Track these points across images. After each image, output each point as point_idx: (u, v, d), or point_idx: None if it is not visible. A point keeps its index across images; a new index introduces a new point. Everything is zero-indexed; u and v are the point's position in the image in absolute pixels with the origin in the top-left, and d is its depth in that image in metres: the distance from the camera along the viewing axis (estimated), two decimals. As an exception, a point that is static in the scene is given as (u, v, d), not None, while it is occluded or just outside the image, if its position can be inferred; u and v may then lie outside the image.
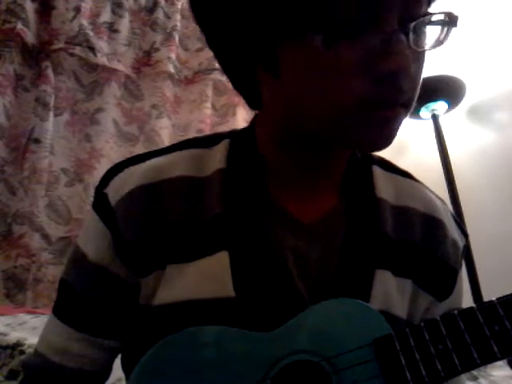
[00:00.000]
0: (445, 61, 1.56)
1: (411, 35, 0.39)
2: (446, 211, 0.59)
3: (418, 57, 0.42)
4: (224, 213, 0.50)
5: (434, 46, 0.42)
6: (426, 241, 0.55)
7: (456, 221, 0.61)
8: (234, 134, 0.57)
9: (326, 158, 0.52)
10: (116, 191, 0.51)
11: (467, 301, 0.66)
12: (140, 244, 0.49)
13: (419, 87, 0.44)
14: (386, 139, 0.44)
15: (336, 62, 0.39)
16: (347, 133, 0.43)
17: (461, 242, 0.59)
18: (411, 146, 1.90)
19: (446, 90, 1.60)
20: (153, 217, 0.50)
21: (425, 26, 0.42)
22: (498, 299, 0.43)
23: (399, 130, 0.45)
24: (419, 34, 0.41)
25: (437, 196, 0.61)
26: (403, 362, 0.42)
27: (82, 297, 0.52)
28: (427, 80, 1.59)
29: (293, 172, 0.53)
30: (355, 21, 0.38)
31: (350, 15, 0.37)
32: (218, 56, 0.50)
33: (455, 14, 0.41)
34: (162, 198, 0.50)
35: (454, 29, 0.42)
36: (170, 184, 0.51)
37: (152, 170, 0.52)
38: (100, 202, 0.52)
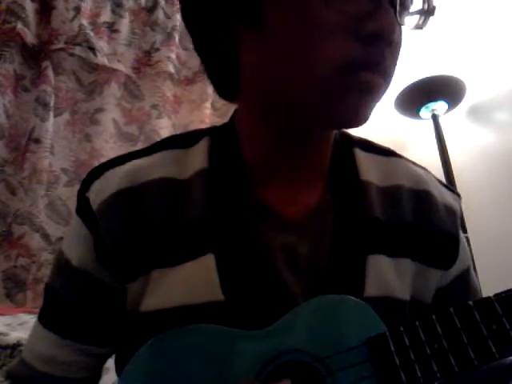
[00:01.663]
0: (445, 61, 1.56)
1: (398, 6, 0.40)
2: (431, 180, 0.59)
3: (399, 32, 0.43)
4: (208, 215, 0.49)
5: (413, 28, 0.45)
6: (418, 216, 0.54)
7: (445, 185, 0.61)
8: (213, 131, 0.55)
9: (306, 148, 0.51)
10: (97, 195, 0.50)
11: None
12: (122, 249, 0.48)
13: (394, 69, 0.45)
14: (363, 109, 0.43)
15: (325, 17, 0.39)
16: (325, 100, 0.42)
17: (455, 204, 0.59)
18: (411, 145, 1.90)
19: (446, 90, 1.60)
20: (134, 221, 0.49)
21: (407, 4, 0.43)
22: (495, 296, 0.41)
23: (373, 110, 0.45)
24: (403, 10, 0.42)
25: (420, 166, 0.60)
26: (397, 362, 0.41)
27: (67, 303, 0.51)
28: (427, 80, 1.60)
29: (275, 167, 0.51)
30: None
31: None
32: (194, 17, 0.48)
33: (434, 2, 0.44)
34: (142, 201, 0.49)
35: (431, 17, 0.45)
36: (150, 187, 0.50)
37: (132, 172, 0.51)
38: (82, 205, 0.51)
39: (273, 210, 0.51)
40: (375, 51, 0.41)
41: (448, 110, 1.67)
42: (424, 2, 0.44)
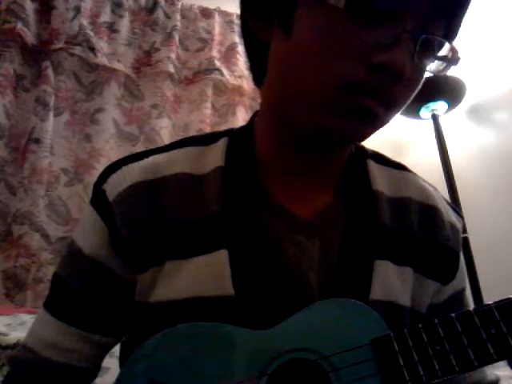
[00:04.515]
0: (445, 61, 1.56)
1: (418, 47, 0.42)
2: (439, 197, 0.61)
3: (415, 74, 0.45)
4: (222, 211, 0.50)
5: (432, 71, 0.46)
6: (424, 228, 0.56)
7: (450, 205, 0.63)
8: (231, 133, 0.57)
9: (319, 157, 0.53)
10: (114, 187, 0.51)
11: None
12: (136, 239, 0.50)
13: (404, 103, 0.46)
14: (357, 130, 0.46)
15: (344, 39, 0.42)
16: (324, 115, 0.45)
17: (458, 224, 0.61)
18: (411, 146, 1.90)
19: (446, 90, 1.60)
20: (150, 213, 0.50)
21: (430, 47, 0.44)
22: (494, 303, 0.43)
23: (374, 132, 0.47)
24: (423, 52, 0.43)
25: (428, 183, 0.62)
26: (401, 361, 0.42)
27: (75, 291, 0.52)
28: (427, 80, 1.60)
29: (290, 169, 0.53)
30: (376, 6, 0.41)
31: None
32: (244, 6, 0.52)
33: (459, 54, 0.46)
34: (160, 194, 0.51)
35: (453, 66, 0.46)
36: (168, 181, 0.52)
37: (150, 167, 0.53)
38: (98, 198, 0.52)
39: (285, 209, 0.52)
40: (380, 80, 0.42)
41: (448, 110, 1.67)
42: (450, 51, 0.45)
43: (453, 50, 0.46)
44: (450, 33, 0.45)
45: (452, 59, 0.46)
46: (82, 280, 0.52)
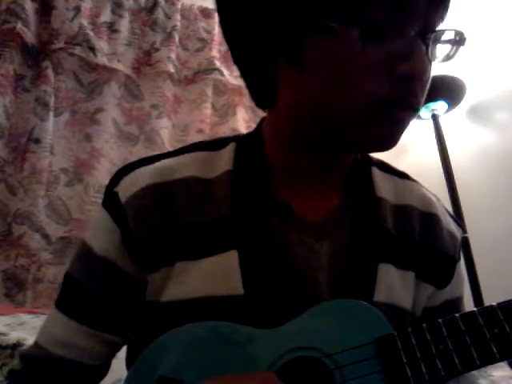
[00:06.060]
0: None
1: (430, 45, 0.43)
2: (440, 206, 0.63)
3: (429, 67, 0.46)
4: (232, 213, 0.51)
5: (443, 60, 0.48)
6: (424, 235, 0.58)
7: (451, 215, 0.64)
8: (239, 138, 0.59)
9: (331, 161, 0.54)
10: (126, 189, 0.53)
11: (467, 301, 0.66)
12: (148, 240, 0.51)
13: (422, 101, 0.47)
14: (392, 139, 0.47)
15: (361, 58, 0.42)
16: (358, 131, 0.46)
17: (458, 233, 0.62)
18: (411, 146, 1.90)
19: (446, 90, 1.60)
20: (162, 214, 0.51)
21: (439, 40, 0.45)
22: (498, 304, 0.44)
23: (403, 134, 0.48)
24: (433, 47, 0.45)
25: (431, 193, 0.64)
26: (404, 359, 0.43)
27: (87, 290, 0.53)
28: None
29: (299, 174, 0.55)
30: (384, 22, 0.41)
31: (381, 16, 0.41)
32: (238, 46, 0.51)
33: (465, 34, 0.47)
34: (171, 196, 0.52)
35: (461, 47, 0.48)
36: (179, 184, 0.53)
37: (162, 170, 0.54)
38: (110, 200, 0.54)
39: (294, 211, 0.53)
40: (407, 91, 0.44)
41: (448, 110, 1.67)
42: (456, 34, 0.47)
43: (458, 33, 0.47)
44: (444, 16, 0.46)
45: (459, 40, 0.47)
46: (93, 279, 0.53)
